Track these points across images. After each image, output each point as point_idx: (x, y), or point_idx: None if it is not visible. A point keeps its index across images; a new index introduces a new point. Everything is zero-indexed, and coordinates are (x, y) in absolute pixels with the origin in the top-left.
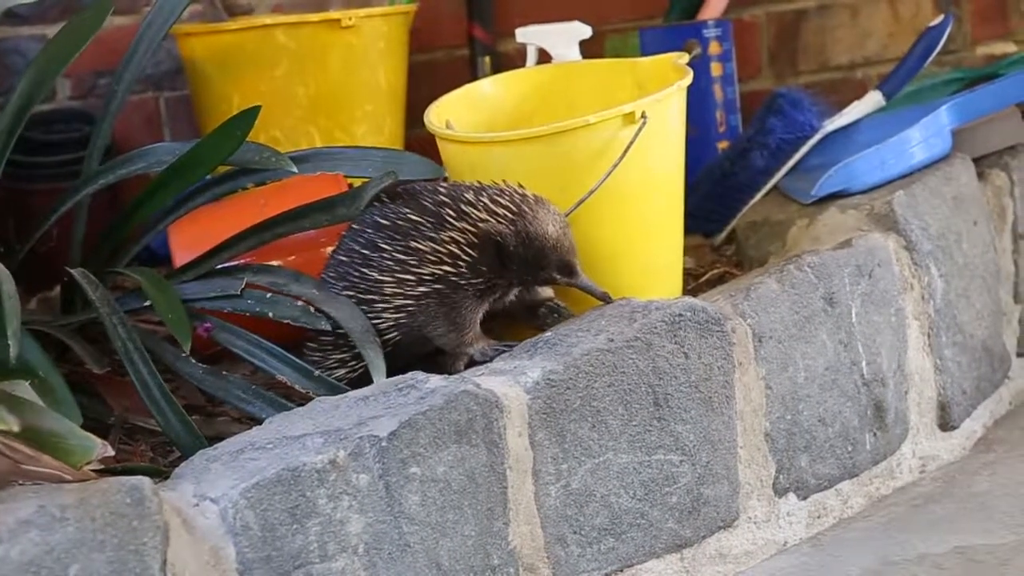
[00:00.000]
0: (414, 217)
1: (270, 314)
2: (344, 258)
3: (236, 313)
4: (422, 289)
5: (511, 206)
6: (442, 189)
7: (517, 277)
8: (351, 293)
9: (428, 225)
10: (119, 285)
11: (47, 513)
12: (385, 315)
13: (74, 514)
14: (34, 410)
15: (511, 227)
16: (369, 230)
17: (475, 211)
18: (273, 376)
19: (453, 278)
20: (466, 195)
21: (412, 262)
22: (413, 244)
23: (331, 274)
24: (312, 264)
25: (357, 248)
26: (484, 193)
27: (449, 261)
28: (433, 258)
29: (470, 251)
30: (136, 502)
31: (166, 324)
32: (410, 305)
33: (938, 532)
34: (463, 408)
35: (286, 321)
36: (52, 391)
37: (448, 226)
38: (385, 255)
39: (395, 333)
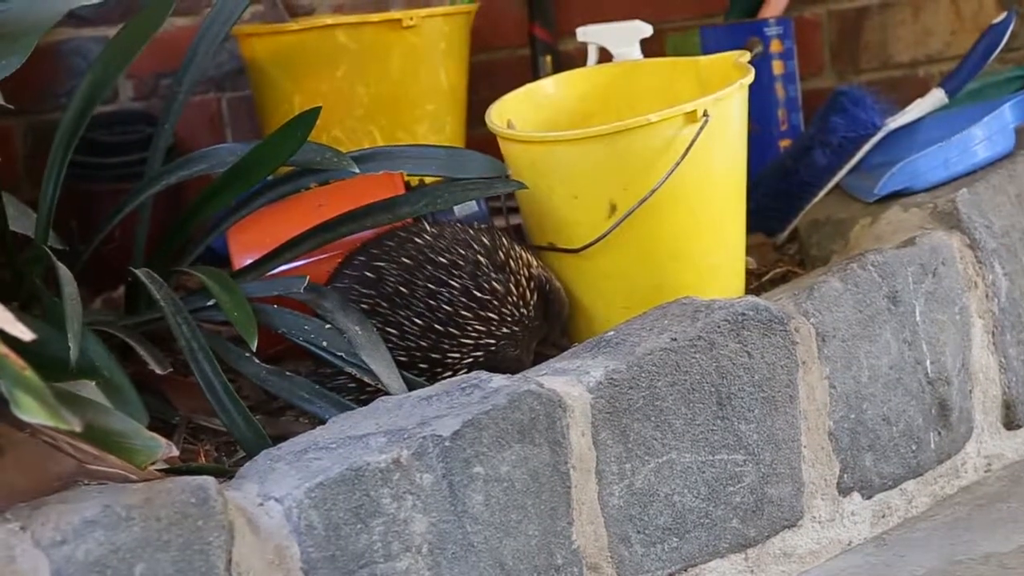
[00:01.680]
0: (476, 257)
1: (324, 343)
2: (404, 289)
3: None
4: (505, 330)
5: (526, 256)
6: (469, 229)
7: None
8: (419, 323)
9: (490, 266)
10: (182, 285)
11: (112, 513)
12: (463, 351)
13: (139, 514)
14: (98, 410)
15: (550, 279)
16: (428, 267)
17: (520, 255)
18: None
19: (527, 321)
20: (502, 240)
21: (494, 302)
22: (487, 284)
23: (382, 303)
24: None
25: (417, 280)
26: (512, 242)
27: (521, 304)
28: (509, 300)
29: (533, 295)
30: (201, 502)
31: (232, 323)
32: (492, 345)
33: (1004, 531)
34: (526, 407)
35: (336, 356)
36: (118, 391)
37: (509, 269)
38: (456, 291)
39: (464, 370)
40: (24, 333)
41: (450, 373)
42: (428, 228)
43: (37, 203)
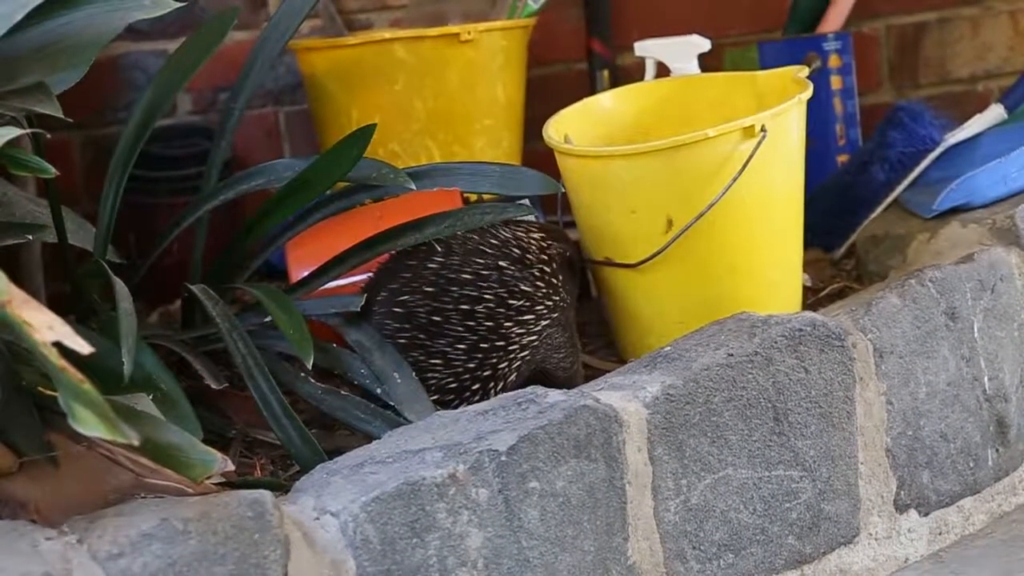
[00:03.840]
0: (497, 263)
1: (378, 390)
2: (437, 317)
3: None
4: (544, 323)
5: (534, 228)
6: (473, 236)
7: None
8: (463, 347)
9: (513, 268)
10: (238, 299)
11: (169, 526)
12: (510, 359)
13: (196, 527)
14: (154, 424)
15: (560, 244)
16: (454, 288)
17: (529, 241)
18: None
19: (562, 304)
20: (503, 233)
21: (525, 304)
22: (516, 288)
23: (419, 335)
24: None
25: (448, 305)
26: (512, 228)
27: (551, 292)
28: (539, 295)
29: (558, 276)
30: (257, 516)
31: (289, 342)
32: (535, 341)
33: None
34: (582, 423)
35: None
36: (174, 405)
37: (528, 262)
38: (491, 303)
39: (514, 376)
40: (82, 346)
41: (501, 385)
42: (437, 248)
43: (95, 217)
